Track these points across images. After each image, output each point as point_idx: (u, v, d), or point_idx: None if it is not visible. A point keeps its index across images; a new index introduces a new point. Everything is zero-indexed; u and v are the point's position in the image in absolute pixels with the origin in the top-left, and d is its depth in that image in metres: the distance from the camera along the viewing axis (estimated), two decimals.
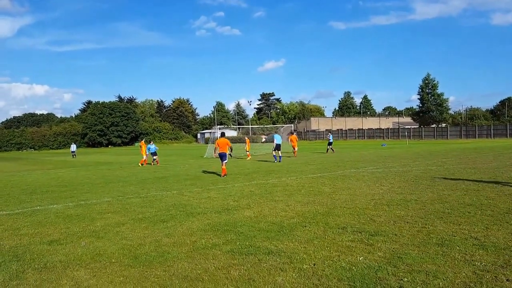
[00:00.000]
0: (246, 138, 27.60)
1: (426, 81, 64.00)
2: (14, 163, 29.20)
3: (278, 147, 18.68)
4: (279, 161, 17.90)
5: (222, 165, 12.66)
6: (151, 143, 20.63)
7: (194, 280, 3.52)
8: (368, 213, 6.05)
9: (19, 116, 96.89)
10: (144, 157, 20.03)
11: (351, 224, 5.33)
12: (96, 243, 4.94)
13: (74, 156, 33.61)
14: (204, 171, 14.77)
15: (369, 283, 3.24)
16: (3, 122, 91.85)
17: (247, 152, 22.96)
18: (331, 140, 26.42)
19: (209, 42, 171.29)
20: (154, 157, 19.97)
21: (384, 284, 3.23)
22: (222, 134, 13.64)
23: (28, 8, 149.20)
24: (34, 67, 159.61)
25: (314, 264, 3.77)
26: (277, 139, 18.83)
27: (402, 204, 6.70)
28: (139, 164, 19.48)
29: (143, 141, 24.34)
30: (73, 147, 36.07)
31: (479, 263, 3.63)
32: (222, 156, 12.78)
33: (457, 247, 4.13)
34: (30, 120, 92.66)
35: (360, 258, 3.88)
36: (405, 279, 3.29)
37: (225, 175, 12.36)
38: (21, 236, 5.41)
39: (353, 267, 3.62)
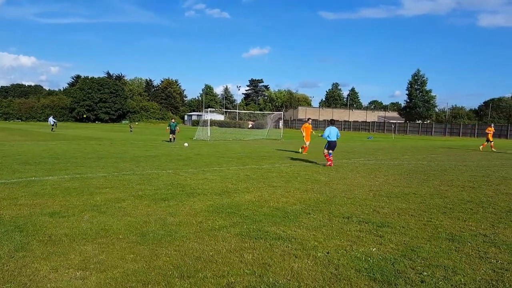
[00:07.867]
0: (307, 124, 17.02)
1: (416, 77, 64.14)
2: (3, 132, 28.18)
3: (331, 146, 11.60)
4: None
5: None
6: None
7: (208, 262, 3.42)
8: (369, 204, 6.05)
9: (6, 86, 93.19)
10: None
11: (355, 214, 5.31)
12: (99, 217, 4.78)
13: (53, 129, 32.48)
14: (196, 154, 14.57)
15: (389, 276, 3.20)
16: None
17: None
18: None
19: (198, 24, 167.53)
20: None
21: (405, 277, 3.19)
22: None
23: None
24: (21, 37, 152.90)
25: (328, 253, 3.72)
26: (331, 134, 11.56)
27: (401, 196, 6.72)
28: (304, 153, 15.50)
29: (308, 122, 16.61)
30: (51, 120, 35.01)
31: (495, 261, 3.63)
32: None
33: (469, 243, 4.14)
34: (18, 91, 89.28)
35: (373, 249, 3.84)
36: (425, 273, 3.26)
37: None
38: (20, 207, 5.20)
39: (369, 258, 3.58)
